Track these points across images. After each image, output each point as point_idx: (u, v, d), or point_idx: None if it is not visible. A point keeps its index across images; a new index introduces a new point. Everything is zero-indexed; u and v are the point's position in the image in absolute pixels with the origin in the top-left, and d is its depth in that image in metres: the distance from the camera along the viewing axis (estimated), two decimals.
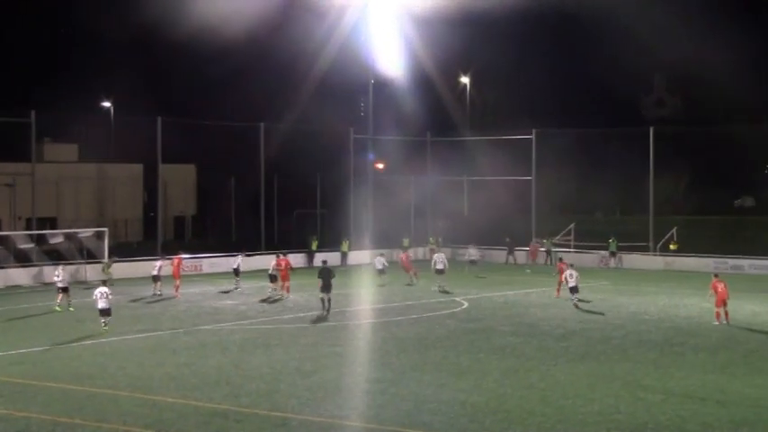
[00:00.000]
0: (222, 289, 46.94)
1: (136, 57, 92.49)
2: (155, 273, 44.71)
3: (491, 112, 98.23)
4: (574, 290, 40.10)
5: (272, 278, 44.57)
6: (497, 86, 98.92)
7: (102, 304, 33.93)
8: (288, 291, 43.98)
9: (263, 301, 42.78)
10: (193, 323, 35.89)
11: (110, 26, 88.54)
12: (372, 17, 64.16)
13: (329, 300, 38.03)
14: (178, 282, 44.67)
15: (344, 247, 61.84)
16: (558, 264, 42.88)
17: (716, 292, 35.39)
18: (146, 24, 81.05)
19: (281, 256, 46.39)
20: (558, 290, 42.93)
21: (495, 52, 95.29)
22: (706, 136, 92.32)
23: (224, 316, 37.89)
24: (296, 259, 53.17)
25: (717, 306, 35.54)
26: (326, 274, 38.11)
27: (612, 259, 60.87)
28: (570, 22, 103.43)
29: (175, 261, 45.83)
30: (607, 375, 25.93)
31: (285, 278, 44.25)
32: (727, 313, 35.34)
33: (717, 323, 35.16)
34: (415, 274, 50.23)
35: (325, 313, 37.55)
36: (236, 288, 46.52)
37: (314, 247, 61.96)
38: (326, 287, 37.87)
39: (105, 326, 33.81)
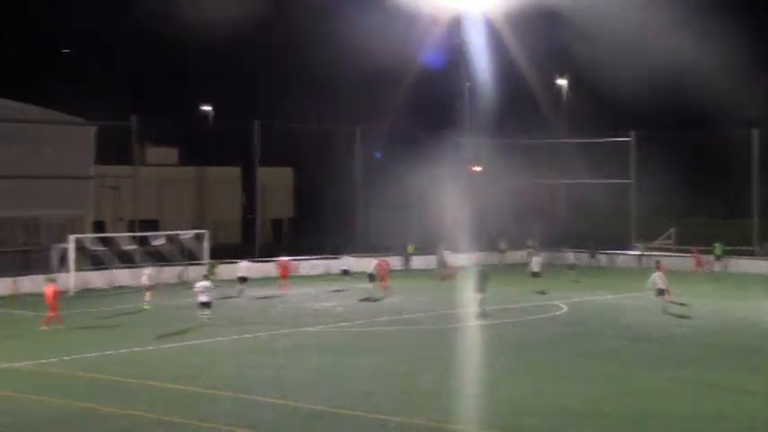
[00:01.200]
0: (333, 288, 48.06)
1: (234, 61, 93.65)
2: (241, 274, 45.96)
3: (589, 113, 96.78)
4: (661, 292, 39.12)
5: (371, 277, 44.98)
6: (595, 87, 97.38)
7: (203, 297, 35.00)
8: (385, 291, 44.70)
9: (363, 300, 43.23)
10: (292, 325, 36.19)
11: (212, 31, 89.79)
12: (466, 19, 63.98)
13: (482, 300, 38.40)
14: (284, 281, 46.86)
15: (410, 249, 62.24)
16: (655, 265, 41.97)
17: None
18: (244, 29, 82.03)
19: (381, 259, 47.39)
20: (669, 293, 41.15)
21: (593, 53, 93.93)
22: None
23: (322, 318, 38.14)
24: (392, 262, 53.63)
25: None
26: (480, 277, 38.90)
27: (717, 263, 59.49)
28: (672, 22, 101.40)
29: (281, 263, 48.00)
30: (711, 381, 25.33)
31: (384, 279, 44.83)
32: None
33: None
34: None
35: (480, 310, 37.86)
36: (347, 289, 47.17)
37: (410, 250, 62.23)
38: (480, 289, 38.54)
39: (207, 318, 34.91)
